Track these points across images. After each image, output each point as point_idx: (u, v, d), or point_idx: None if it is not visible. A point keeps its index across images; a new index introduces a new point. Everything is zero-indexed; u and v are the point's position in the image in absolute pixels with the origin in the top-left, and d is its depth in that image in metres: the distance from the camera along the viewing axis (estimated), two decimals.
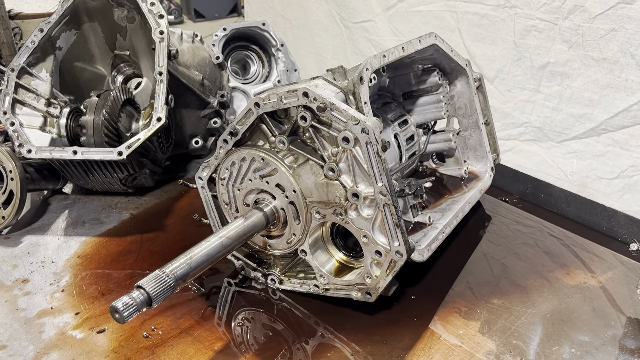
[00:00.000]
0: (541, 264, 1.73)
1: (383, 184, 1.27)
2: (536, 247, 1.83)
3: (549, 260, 1.75)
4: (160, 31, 1.96)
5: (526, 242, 1.86)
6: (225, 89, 2.35)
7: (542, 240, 1.87)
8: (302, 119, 1.33)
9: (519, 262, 1.74)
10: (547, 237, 1.90)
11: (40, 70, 2.09)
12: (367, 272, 1.40)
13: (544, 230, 1.94)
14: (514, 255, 1.78)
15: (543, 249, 1.82)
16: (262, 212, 1.47)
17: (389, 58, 1.47)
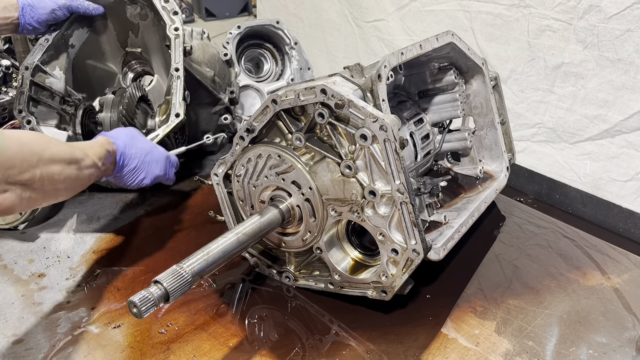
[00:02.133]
0: (555, 265, 1.72)
1: (401, 181, 1.27)
2: (549, 249, 1.81)
3: (563, 261, 1.74)
4: (175, 27, 1.96)
5: (539, 244, 1.85)
6: (233, 85, 2.35)
7: (555, 242, 1.86)
8: (319, 116, 1.33)
9: (531, 264, 1.73)
10: (561, 238, 1.88)
11: (54, 68, 2.10)
12: (383, 271, 1.39)
13: (558, 231, 1.92)
14: (526, 256, 1.77)
15: (556, 251, 1.80)
16: (278, 209, 1.47)
17: (407, 55, 1.46)
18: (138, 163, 1.63)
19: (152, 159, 1.69)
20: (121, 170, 1.59)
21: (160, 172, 1.73)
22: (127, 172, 1.62)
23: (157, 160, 1.71)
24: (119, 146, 1.57)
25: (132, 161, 1.61)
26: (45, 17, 1.98)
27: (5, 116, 2.53)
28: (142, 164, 1.65)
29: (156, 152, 1.72)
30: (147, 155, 1.67)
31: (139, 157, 1.63)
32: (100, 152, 1.46)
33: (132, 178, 1.64)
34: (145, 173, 1.67)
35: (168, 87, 2.00)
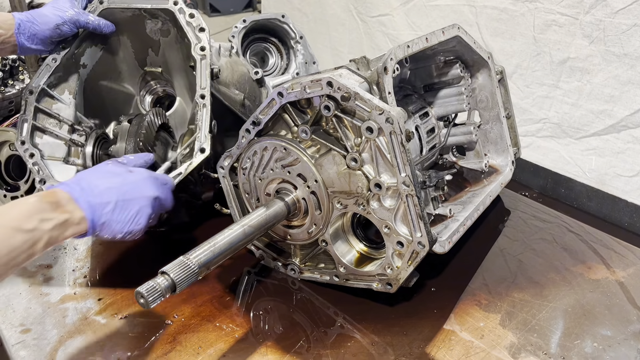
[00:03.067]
0: (559, 259, 1.72)
1: (406, 174, 1.27)
2: (554, 243, 1.81)
3: (568, 256, 1.74)
4: (201, 47, 1.68)
5: (544, 238, 1.85)
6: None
7: (560, 236, 1.86)
8: (325, 108, 1.34)
9: (536, 258, 1.73)
10: (566, 232, 1.88)
11: (62, 91, 1.84)
12: (388, 263, 1.40)
13: (563, 225, 1.92)
14: (531, 251, 1.77)
15: (561, 245, 1.80)
16: (284, 201, 1.47)
17: (413, 48, 1.46)
18: (115, 204, 1.28)
19: (134, 191, 1.33)
20: (97, 221, 1.25)
21: (152, 206, 1.37)
22: (107, 222, 1.28)
23: (142, 188, 1.35)
24: (72, 192, 1.24)
25: (103, 205, 1.26)
26: (48, 34, 1.69)
27: (11, 109, 2.54)
28: (123, 202, 1.29)
29: (134, 179, 1.36)
30: (124, 191, 1.31)
31: (113, 196, 1.28)
32: (25, 209, 1.14)
33: (118, 227, 1.30)
34: (136, 212, 1.32)
35: (192, 115, 1.77)
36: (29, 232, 1.11)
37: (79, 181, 1.28)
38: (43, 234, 1.14)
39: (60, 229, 1.18)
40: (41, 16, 1.68)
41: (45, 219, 1.15)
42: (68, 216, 1.19)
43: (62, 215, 1.18)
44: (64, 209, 1.20)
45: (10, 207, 1.14)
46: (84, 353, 1.37)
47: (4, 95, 2.45)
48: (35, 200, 1.17)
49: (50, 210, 1.17)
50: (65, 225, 1.19)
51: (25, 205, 1.15)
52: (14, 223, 1.10)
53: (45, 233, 1.15)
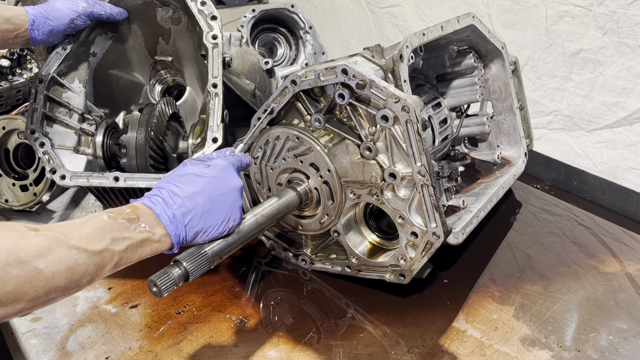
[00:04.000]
0: (570, 253, 1.70)
1: (422, 164, 1.25)
2: (564, 237, 1.80)
3: (578, 249, 1.72)
4: (213, 35, 1.65)
5: (553, 231, 1.83)
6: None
7: (570, 230, 1.84)
8: (339, 96, 1.32)
9: (546, 252, 1.71)
10: (576, 226, 1.87)
11: (72, 80, 1.80)
12: (402, 254, 1.38)
13: (573, 219, 1.90)
14: (540, 245, 1.76)
15: (571, 239, 1.78)
16: (296, 191, 1.46)
17: (428, 36, 1.44)
18: (203, 210, 1.15)
19: (220, 187, 1.20)
20: (184, 234, 1.14)
21: (241, 195, 1.25)
22: (199, 231, 1.16)
23: (227, 181, 1.22)
24: (154, 206, 1.11)
25: (189, 214, 1.13)
26: (62, 29, 1.67)
27: (19, 98, 2.53)
28: (211, 205, 1.17)
29: (216, 173, 1.22)
30: (210, 191, 1.18)
31: (199, 201, 1.15)
32: (97, 227, 1.01)
33: (213, 232, 1.19)
34: (227, 210, 1.20)
35: (203, 105, 1.75)
36: (96, 255, 0.98)
37: (160, 191, 1.15)
38: (113, 256, 1.02)
39: (136, 250, 1.06)
40: (55, 11, 1.64)
41: (119, 238, 1.03)
42: (147, 235, 1.07)
43: (139, 235, 1.06)
44: (143, 226, 1.07)
45: (81, 224, 1.01)
46: (94, 342, 1.37)
47: (12, 84, 2.43)
48: (110, 216, 1.04)
49: (125, 228, 1.05)
50: (143, 245, 1.07)
51: (98, 222, 1.02)
52: (80, 243, 0.96)
53: (116, 254, 1.02)
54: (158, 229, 1.09)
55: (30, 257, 0.88)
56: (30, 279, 0.88)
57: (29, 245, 0.89)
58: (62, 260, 0.92)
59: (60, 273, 0.92)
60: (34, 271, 0.88)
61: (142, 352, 1.33)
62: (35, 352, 1.34)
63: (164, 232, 1.10)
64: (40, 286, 0.89)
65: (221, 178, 1.21)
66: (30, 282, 0.88)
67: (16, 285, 0.86)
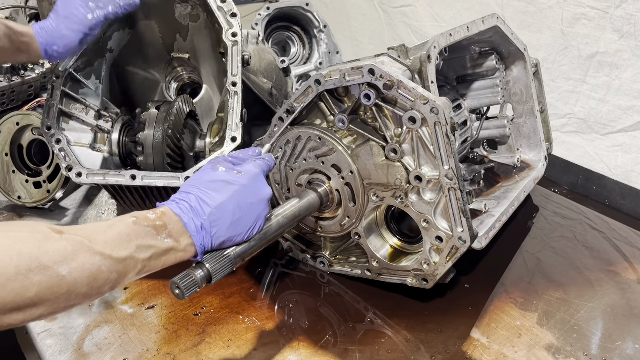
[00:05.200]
0: (585, 259, 1.68)
1: (450, 167, 1.23)
2: (575, 241, 1.78)
3: (592, 254, 1.70)
4: (232, 32, 1.61)
5: (564, 235, 1.81)
6: (289, 97, 2.11)
7: (582, 234, 1.82)
8: (365, 97, 1.29)
9: (555, 256, 1.69)
10: (589, 230, 1.85)
11: (89, 76, 1.77)
12: (426, 258, 1.36)
13: (585, 222, 1.89)
14: (550, 249, 1.74)
15: (582, 243, 1.77)
16: (316, 192, 1.43)
17: (455, 37, 1.42)
18: (231, 220, 1.11)
19: (250, 197, 1.16)
20: (209, 244, 1.11)
21: (268, 205, 1.22)
22: (224, 241, 1.13)
23: (257, 191, 1.18)
24: (182, 214, 1.07)
25: (217, 224, 1.10)
26: (77, 47, 1.55)
27: (30, 93, 2.51)
28: (240, 215, 1.14)
29: (246, 181, 1.17)
30: (239, 202, 1.13)
31: (228, 211, 1.11)
32: (123, 233, 0.97)
33: (237, 239, 1.16)
34: (254, 219, 1.17)
35: (221, 103, 1.72)
36: (120, 262, 0.94)
37: (189, 197, 1.10)
38: (137, 264, 0.98)
39: (160, 258, 1.03)
40: (62, 38, 1.51)
41: (143, 246, 0.99)
42: (172, 244, 1.04)
43: (164, 243, 1.02)
44: (169, 235, 1.03)
45: (106, 228, 0.97)
46: (111, 343, 1.34)
47: (24, 79, 2.41)
48: (136, 221, 1.00)
49: (151, 236, 1.01)
50: (167, 254, 1.04)
51: (124, 228, 0.98)
52: (104, 248, 0.92)
53: (140, 262, 0.98)
54: (184, 238, 1.06)
55: (53, 262, 0.85)
56: (52, 285, 0.84)
57: (52, 249, 0.86)
58: (86, 267, 0.89)
59: (82, 279, 0.88)
60: (57, 277, 0.85)
61: (160, 355, 1.31)
62: (52, 352, 1.31)
63: (189, 241, 1.07)
64: (62, 292, 0.86)
65: (252, 187, 1.17)
66: (51, 288, 0.84)
67: (37, 291, 0.82)
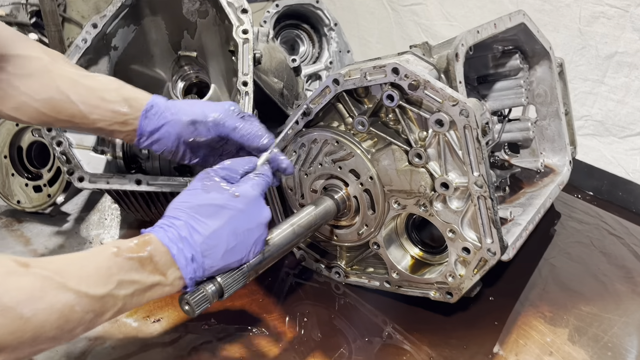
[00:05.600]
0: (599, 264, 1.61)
1: (480, 173, 1.14)
2: (592, 247, 1.71)
3: (617, 262, 1.63)
4: (244, 30, 1.52)
5: (580, 241, 1.74)
6: (301, 98, 1.94)
7: (599, 239, 1.75)
8: (388, 98, 1.21)
9: (571, 263, 1.62)
10: (606, 235, 1.78)
11: None
12: (451, 271, 1.27)
13: (603, 227, 1.81)
14: (565, 254, 1.67)
15: (600, 249, 1.69)
16: (333, 199, 1.35)
17: (482, 34, 1.33)
18: (225, 249, 1.00)
19: (247, 223, 1.04)
20: (201, 276, 0.99)
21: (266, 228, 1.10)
22: (217, 270, 1.02)
23: (255, 215, 1.06)
24: (171, 245, 0.94)
25: (210, 255, 0.98)
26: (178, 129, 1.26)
27: None
28: (235, 243, 1.02)
29: (244, 205, 1.04)
30: (235, 228, 1.02)
31: (222, 239, 1.00)
32: (102, 267, 0.85)
33: (232, 267, 1.05)
34: (251, 246, 1.06)
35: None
36: (98, 300, 0.82)
37: (177, 224, 0.96)
38: (116, 302, 0.85)
39: (143, 294, 0.90)
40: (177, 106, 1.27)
41: (125, 281, 0.86)
42: (158, 279, 0.91)
43: (150, 278, 0.90)
44: (155, 268, 0.91)
45: (82, 260, 0.85)
46: (115, 358, 1.26)
47: None
48: (117, 252, 0.87)
49: (135, 270, 0.88)
50: (152, 289, 0.91)
51: (103, 260, 0.86)
52: (79, 285, 0.80)
53: (120, 300, 0.86)
54: (172, 271, 0.94)
55: (16, 302, 0.74)
56: (14, 330, 0.73)
57: (15, 287, 0.75)
58: (55, 307, 0.77)
59: (51, 322, 0.77)
60: (20, 320, 0.73)
61: None
62: None
63: (177, 274, 0.94)
64: (26, 337, 0.74)
65: (249, 211, 1.04)
66: (14, 333, 0.73)
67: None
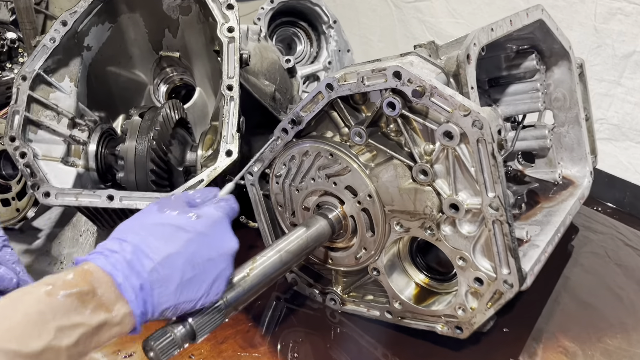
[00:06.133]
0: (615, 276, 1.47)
1: (496, 194, 0.98)
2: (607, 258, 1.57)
3: None
4: (229, 27, 1.39)
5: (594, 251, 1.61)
6: (296, 101, 1.80)
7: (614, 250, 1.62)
8: (389, 106, 1.05)
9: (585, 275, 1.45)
10: (622, 247, 1.64)
11: (62, 78, 1.53)
12: (461, 303, 1.11)
13: (617, 237, 1.68)
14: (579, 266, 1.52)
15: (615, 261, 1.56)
16: (327, 219, 1.19)
17: (497, 32, 1.18)
18: (181, 280, 0.82)
19: (208, 250, 0.87)
20: (152, 313, 0.81)
21: (232, 263, 0.92)
22: (171, 307, 0.83)
23: (218, 241, 0.89)
24: (114, 272, 0.77)
25: (162, 285, 0.80)
26: None
27: (9, 95, 2.28)
28: (193, 274, 0.84)
29: (204, 228, 0.88)
30: (193, 254, 0.85)
31: (177, 268, 0.82)
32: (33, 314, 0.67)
33: (187, 307, 0.86)
34: (212, 281, 0.87)
35: (215, 110, 1.51)
36: (35, 358, 0.64)
37: (123, 245, 0.81)
38: (59, 355, 0.67)
39: (90, 340, 0.72)
40: None
41: (66, 327, 0.68)
42: (105, 317, 0.74)
43: (94, 317, 0.72)
44: (99, 304, 0.73)
45: (7, 308, 0.67)
46: None
47: (1, 80, 2.19)
48: (50, 291, 0.70)
49: (74, 309, 0.70)
50: (99, 332, 0.73)
51: (33, 305, 0.68)
52: (8, 342, 0.63)
53: (64, 352, 0.68)
54: (119, 305, 0.76)
55: None
56: None
57: None
58: None
59: None
60: None
61: None
62: None
63: (126, 309, 0.76)
64: None
65: (211, 236, 0.88)
66: None
67: None
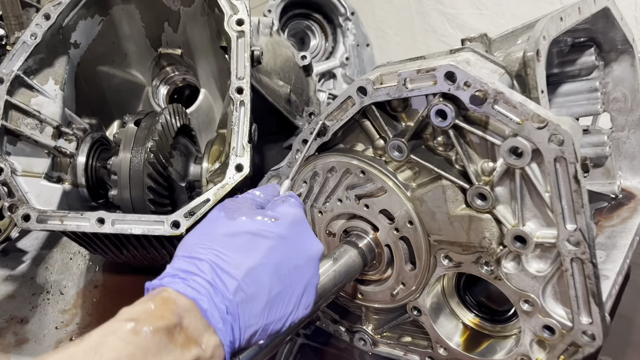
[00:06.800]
0: None
1: (577, 227, 0.78)
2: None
3: None
4: (238, 20, 1.20)
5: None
6: (313, 103, 1.58)
7: None
8: (438, 114, 0.84)
9: None
10: None
11: (45, 80, 1.34)
12: (524, 354, 0.91)
13: None
14: None
15: None
16: (357, 248, 1.00)
17: (566, 23, 0.97)
18: (268, 297, 0.71)
19: (293, 257, 0.76)
20: (241, 339, 0.69)
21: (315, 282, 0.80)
22: (259, 331, 0.71)
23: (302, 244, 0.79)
24: (198, 296, 0.66)
25: (249, 306, 0.69)
26: None
27: None
28: (281, 288, 0.73)
29: (285, 230, 0.77)
30: (278, 264, 0.73)
31: (264, 283, 0.71)
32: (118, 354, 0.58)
33: (276, 327, 0.73)
34: (302, 292, 0.75)
35: (223, 115, 1.33)
36: None
37: (199, 265, 0.69)
38: None
39: None
40: None
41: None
42: (197, 353, 0.63)
43: (187, 354, 0.62)
44: (188, 337, 0.63)
45: (91, 352, 0.57)
46: None
47: None
48: (135, 328, 0.60)
49: (165, 346, 0.60)
50: None
51: (120, 347, 0.58)
52: None
53: None
54: (207, 336, 0.64)
55: None
56: None
57: None
58: None
59: None
60: None
61: None
62: None
63: (215, 341, 0.65)
64: None
65: (293, 239, 0.76)
66: None
67: None
